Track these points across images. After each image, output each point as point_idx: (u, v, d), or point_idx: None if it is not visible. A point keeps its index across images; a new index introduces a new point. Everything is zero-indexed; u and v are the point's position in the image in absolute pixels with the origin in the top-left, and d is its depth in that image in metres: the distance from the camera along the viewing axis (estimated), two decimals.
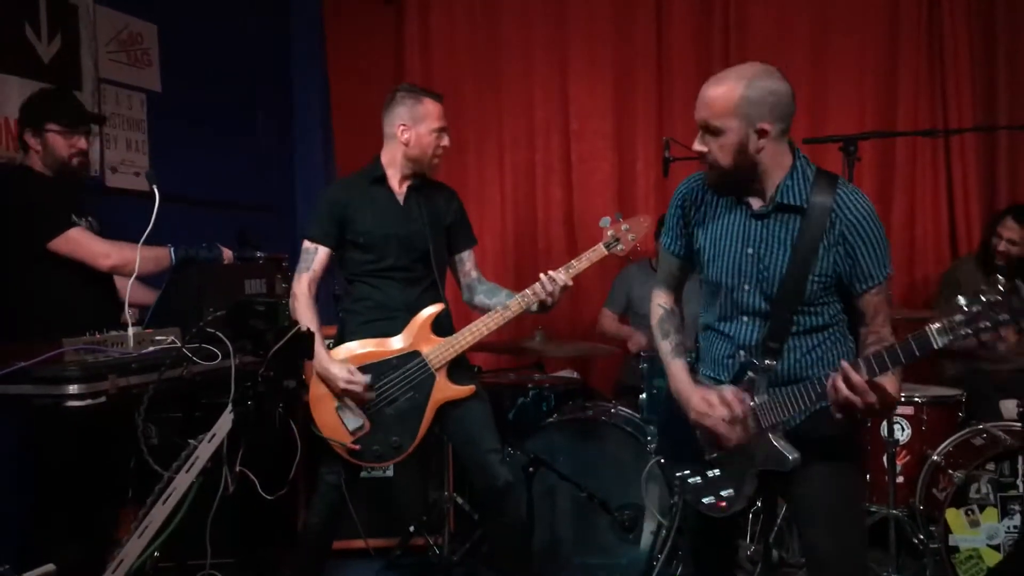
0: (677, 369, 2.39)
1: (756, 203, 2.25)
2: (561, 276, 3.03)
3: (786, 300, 2.21)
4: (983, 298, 1.88)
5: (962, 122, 4.51)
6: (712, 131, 2.16)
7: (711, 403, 2.27)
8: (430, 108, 3.09)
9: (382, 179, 3.13)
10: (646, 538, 3.44)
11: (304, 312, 3.02)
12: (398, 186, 3.13)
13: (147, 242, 2.83)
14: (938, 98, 4.61)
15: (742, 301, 2.28)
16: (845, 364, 2.03)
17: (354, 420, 2.99)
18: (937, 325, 1.93)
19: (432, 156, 3.12)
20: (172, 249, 3.07)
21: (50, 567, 1.95)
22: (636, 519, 3.44)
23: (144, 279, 3.14)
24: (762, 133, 2.14)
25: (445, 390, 3.05)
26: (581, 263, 3.08)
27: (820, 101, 4.67)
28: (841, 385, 2.02)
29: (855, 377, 2.01)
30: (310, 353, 2.07)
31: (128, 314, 2.74)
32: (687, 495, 2.41)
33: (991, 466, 3.23)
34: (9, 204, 2.99)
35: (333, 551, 3.86)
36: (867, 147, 4.34)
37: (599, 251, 3.11)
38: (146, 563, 2.03)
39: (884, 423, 3.56)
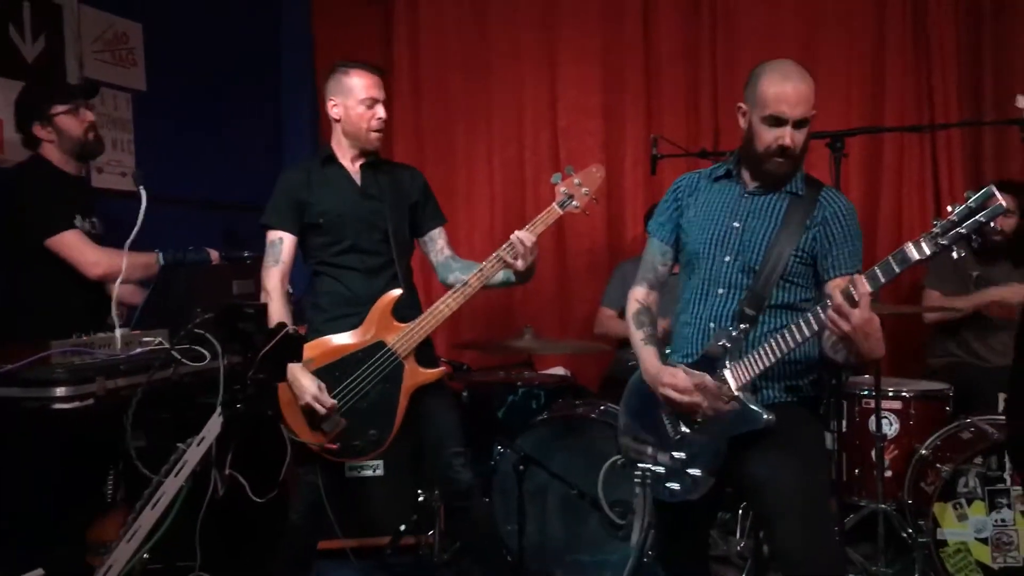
0: (648, 355, 2.48)
1: (752, 184, 2.43)
2: (524, 236, 2.87)
3: (770, 268, 2.32)
4: (959, 206, 1.95)
5: (948, 118, 4.52)
6: (803, 123, 2.33)
7: (674, 374, 2.36)
8: (356, 80, 2.99)
9: (331, 159, 3.06)
10: (635, 535, 3.43)
11: (277, 309, 2.92)
12: (351, 165, 3.07)
13: (134, 243, 2.81)
14: (924, 94, 4.62)
15: (720, 273, 2.39)
16: (856, 276, 2.07)
17: (329, 420, 2.95)
18: (913, 240, 2.00)
19: (368, 130, 3.01)
20: (160, 254, 3.07)
21: (39, 572, 1.94)
22: (626, 516, 3.45)
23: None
24: (812, 118, 2.37)
25: (416, 376, 3.00)
26: (536, 227, 2.94)
27: None
28: (838, 295, 2.05)
29: (862, 287, 2.02)
30: (298, 355, 2.06)
31: (115, 315, 2.73)
32: (650, 486, 2.44)
33: (979, 460, 3.24)
34: (19, 199, 3.02)
35: (323, 551, 3.87)
36: (854, 143, 4.35)
37: (553, 212, 2.98)
38: (135, 567, 2.02)
39: (872, 418, 3.58)
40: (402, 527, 3.79)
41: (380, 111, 3.01)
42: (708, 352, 2.36)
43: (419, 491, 3.80)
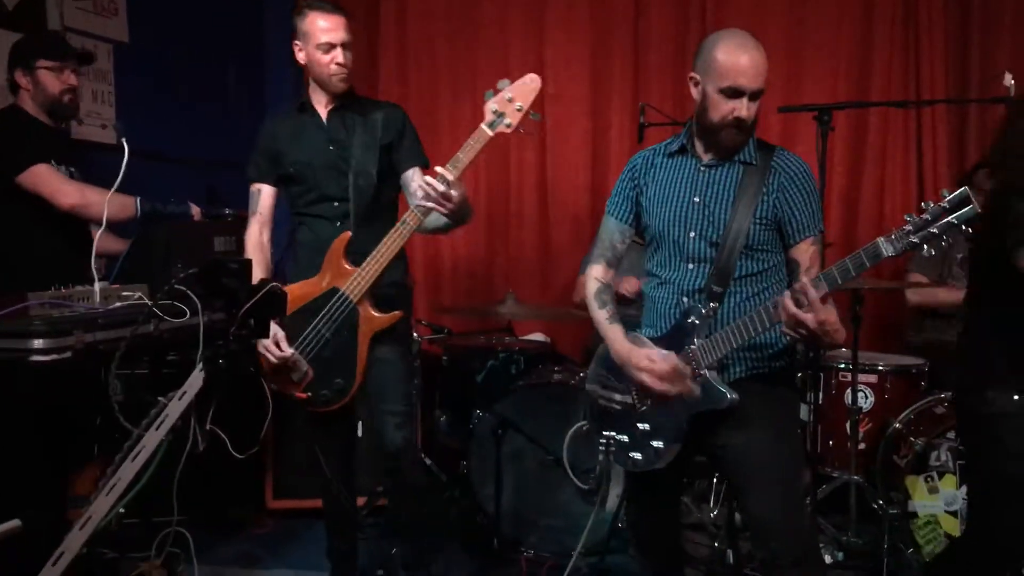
0: (615, 334, 2.47)
1: (706, 157, 2.40)
2: (431, 180, 2.63)
3: (731, 242, 2.31)
4: (931, 205, 1.94)
5: (934, 94, 4.53)
6: (758, 95, 2.28)
7: (652, 358, 2.33)
8: (314, 22, 2.84)
9: (305, 105, 2.99)
10: (611, 501, 3.47)
11: (251, 259, 2.77)
12: (323, 110, 2.97)
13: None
14: (911, 70, 4.63)
15: (687, 248, 2.38)
16: (804, 280, 2.06)
17: (296, 370, 2.87)
18: (886, 236, 1.98)
19: (328, 75, 2.89)
20: (138, 200, 3.04)
21: (16, 523, 1.93)
22: (601, 483, 3.47)
23: (114, 228, 3.13)
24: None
25: (372, 321, 2.84)
26: (466, 153, 2.67)
27: (795, 70, 4.67)
28: (790, 304, 2.05)
29: (812, 293, 2.02)
30: (282, 311, 2.04)
31: (95, 266, 2.71)
32: (614, 454, 2.47)
33: (951, 434, 3.28)
34: None
35: (297, 511, 3.88)
36: (840, 117, 4.35)
37: (482, 133, 2.66)
38: (112, 520, 2.01)
39: (848, 391, 3.61)
40: (378, 488, 3.81)
41: (338, 55, 2.86)
42: (677, 328, 2.36)
43: None
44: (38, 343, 2.38)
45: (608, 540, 3.37)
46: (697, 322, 2.32)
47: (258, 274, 2.79)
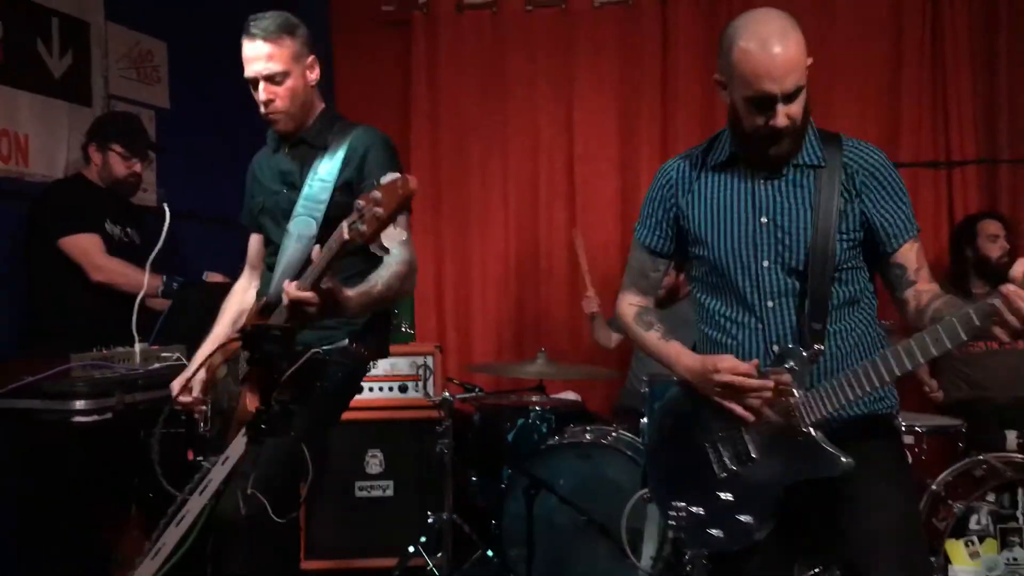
0: (675, 350, 2.06)
1: (759, 167, 2.01)
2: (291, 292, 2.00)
3: (819, 268, 1.92)
4: None
5: (964, 154, 4.54)
6: (796, 94, 1.88)
7: (731, 358, 1.93)
8: (243, 52, 2.42)
9: (270, 138, 2.62)
10: (645, 562, 3.43)
11: (224, 308, 2.61)
12: (287, 144, 2.56)
13: (156, 259, 2.86)
14: (940, 130, 4.64)
15: (763, 282, 1.98)
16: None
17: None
18: None
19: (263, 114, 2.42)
20: (164, 279, 3.13)
21: None
22: (636, 543, 3.44)
23: None
24: (807, 69, 1.90)
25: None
26: (323, 257, 2.00)
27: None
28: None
29: None
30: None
31: (135, 329, 2.76)
32: (686, 531, 2.03)
33: (991, 497, 3.23)
34: (46, 204, 3.21)
35: (335, 571, 3.87)
36: None
37: (339, 232, 1.95)
38: None
39: None
40: (410, 548, 3.79)
41: (261, 92, 2.39)
42: (771, 376, 1.93)
43: (428, 513, 3.81)
44: (80, 404, 2.43)
45: None
46: (797, 369, 1.90)
47: (220, 325, 2.57)
